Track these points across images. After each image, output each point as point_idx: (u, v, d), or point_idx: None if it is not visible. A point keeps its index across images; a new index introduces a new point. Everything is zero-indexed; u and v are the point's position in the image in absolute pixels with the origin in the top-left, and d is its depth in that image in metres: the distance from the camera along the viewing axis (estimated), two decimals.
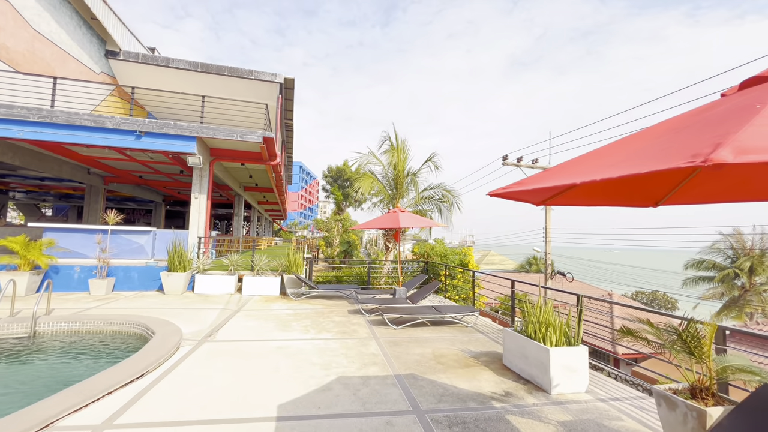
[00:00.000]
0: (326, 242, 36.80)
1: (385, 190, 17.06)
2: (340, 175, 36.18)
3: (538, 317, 4.29)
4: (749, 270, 25.39)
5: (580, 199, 2.30)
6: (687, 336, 2.38)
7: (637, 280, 39.74)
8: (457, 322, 6.90)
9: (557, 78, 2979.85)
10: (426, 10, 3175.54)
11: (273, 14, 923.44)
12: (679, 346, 2.42)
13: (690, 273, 28.71)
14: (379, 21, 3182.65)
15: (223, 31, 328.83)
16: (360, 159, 16.76)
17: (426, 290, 7.72)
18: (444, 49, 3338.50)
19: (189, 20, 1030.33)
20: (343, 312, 7.70)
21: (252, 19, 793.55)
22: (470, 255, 11.29)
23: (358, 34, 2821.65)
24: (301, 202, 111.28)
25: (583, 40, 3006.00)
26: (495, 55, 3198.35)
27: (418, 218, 7.96)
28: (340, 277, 10.94)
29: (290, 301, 8.70)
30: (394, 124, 35.65)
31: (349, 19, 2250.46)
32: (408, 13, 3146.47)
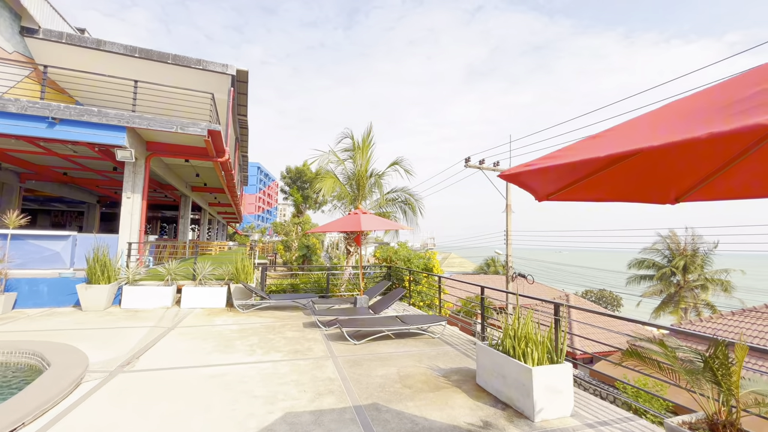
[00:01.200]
0: (285, 246, 35.14)
1: (346, 192, 16.35)
2: (300, 176, 34.80)
3: (516, 330, 3.82)
4: (683, 268, 27.61)
5: (594, 190, 1.80)
6: (714, 363, 1.98)
7: (589, 280, 42.10)
8: (423, 333, 6.36)
9: (511, 88, 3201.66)
10: (388, 15, 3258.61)
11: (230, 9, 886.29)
12: (707, 376, 2.01)
13: (632, 272, 30.74)
14: (341, 24, 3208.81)
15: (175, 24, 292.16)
16: (320, 157, 15.91)
17: (390, 298, 7.11)
18: (405, 54, 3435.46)
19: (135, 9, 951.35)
20: (297, 325, 6.88)
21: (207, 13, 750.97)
22: (435, 259, 10.89)
23: (320, 36, 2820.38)
24: (258, 204, 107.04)
25: (535, 54, 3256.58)
26: (454, 63, 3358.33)
27: (382, 220, 7.36)
28: (296, 285, 10.05)
29: (237, 314, 7.72)
30: (355, 127, 35.00)
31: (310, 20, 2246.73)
32: (370, 18, 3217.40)
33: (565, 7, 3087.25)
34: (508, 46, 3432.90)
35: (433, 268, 10.58)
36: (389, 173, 16.23)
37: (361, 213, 7.36)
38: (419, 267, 10.45)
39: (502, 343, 3.94)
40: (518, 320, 3.89)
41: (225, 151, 10.89)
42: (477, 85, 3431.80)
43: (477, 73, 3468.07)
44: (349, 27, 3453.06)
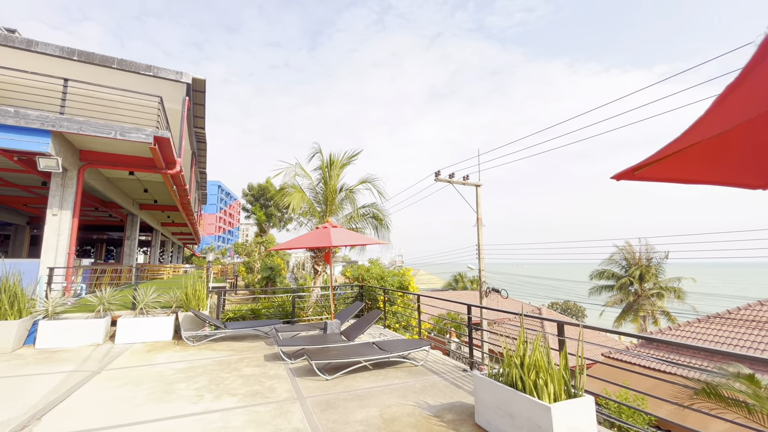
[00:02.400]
0: (247, 268, 33.08)
1: (314, 207, 15.49)
2: (263, 194, 33.21)
3: (522, 357, 3.21)
4: (639, 277, 28.94)
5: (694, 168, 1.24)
6: None
7: (553, 291, 43.18)
8: (404, 361, 5.61)
9: (470, 109, 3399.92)
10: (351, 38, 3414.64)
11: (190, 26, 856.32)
12: None
13: (594, 282, 31.84)
14: (305, 45, 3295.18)
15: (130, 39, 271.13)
16: (286, 170, 15.03)
17: (365, 322, 6.32)
18: (369, 75, 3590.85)
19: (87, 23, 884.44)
20: (257, 359, 5.88)
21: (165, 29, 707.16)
22: (410, 276, 10.25)
23: (284, 56, 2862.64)
24: (219, 225, 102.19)
25: (492, 78, 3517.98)
26: (416, 85, 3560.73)
27: (354, 234, 6.64)
28: (257, 311, 8.95)
29: (186, 348, 6.56)
30: (322, 146, 34.14)
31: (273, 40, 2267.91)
32: (334, 40, 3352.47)
33: (516, 36, 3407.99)
34: (467, 70, 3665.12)
35: (409, 285, 9.91)
36: (360, 190, 15.64)
37: (330, 227, 6.61)
38: (394, 285, 9.74)
39: (507, 373, 3.30)
40: (524, 344, 3.29)
41: (176, 162, 9.77)
42: (438, 106, 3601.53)
43: (438, 94, 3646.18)
44: (313, 48, 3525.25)
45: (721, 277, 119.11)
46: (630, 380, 10.11)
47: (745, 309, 11.18)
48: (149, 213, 19.34)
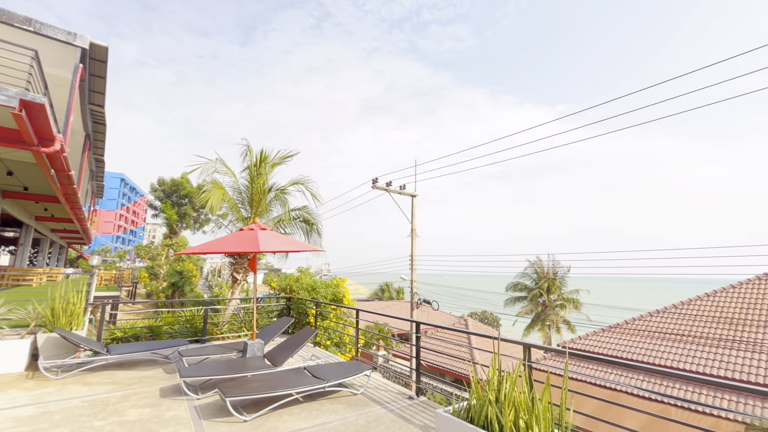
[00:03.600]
0: (151, 274, 28.69)
1: (237, 208, 13.83)
2: (176, 190, 29.29)
3: (496, 391, 2.69)
4: (547, 289, 31.98)
5: None
6: None
7: (472, 301, 45.62)
8: (341, 389, 4.80)
9: (402, 125, 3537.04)
10: (287, 40, 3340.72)
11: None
12: None
13: (509, 294, 34.38)
14: (237, 39, 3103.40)
15: None
16: (205, 165, 13.19)
17: (295, 343, 5.37)
18: (304, 80, 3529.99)
19: None
20: (150, 394, 4.55)
21: None
22: (345, 288, 9.41)
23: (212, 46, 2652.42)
24: (119, 223, 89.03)
25: (422, 98, 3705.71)
26: (351, 95, 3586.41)
27: (286, 239, 5.67)
28: (157, 328, 7.29)
29: (44, 383, 4.87)
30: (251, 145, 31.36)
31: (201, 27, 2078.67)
32: (269, 39, 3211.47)
33: (446, 61, 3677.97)
34: (400, 87, 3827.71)
35: (344, 298, 9.09)
36: (291, 192, 14.43)
37: (258, 228, 5.56)
38: (327, 297, 8.83)
39: (478, 410, 2.75)
40: (498, 373, 2.78)
41: (54, 138, 7.70)
42: (372, 117, 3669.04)
43: (372, 107, 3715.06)
44: (245, 43, 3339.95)
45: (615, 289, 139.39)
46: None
47: (639, 320, 12.68)
48: (16, 203, 15.50)
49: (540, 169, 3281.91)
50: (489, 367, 2.91)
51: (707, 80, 8.53)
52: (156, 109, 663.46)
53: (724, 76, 8.94)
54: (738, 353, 9.78)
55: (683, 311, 12.06)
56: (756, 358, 9.52)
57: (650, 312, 12.88)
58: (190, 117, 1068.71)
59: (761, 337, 9.98)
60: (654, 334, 11.60)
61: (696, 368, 9.80)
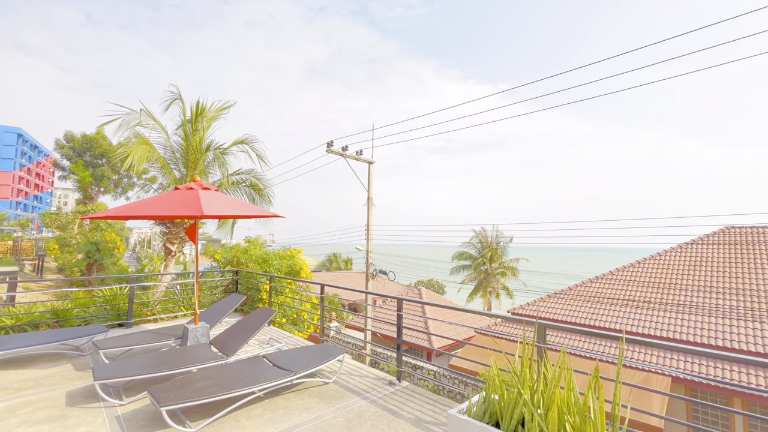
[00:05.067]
0: (62, 245, 24.74)
1: (168, 168, 11.89)
2: (90, 148, 24.92)
3: (531, 386, 2.15)
4: (490, 258, 33.70)
5: None
6: None
7: (419, 270, 46.89)
8: (310, 378, 4.06)
9: (349, 93, 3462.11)
10: None
11: None
12: None
13: (455, 263, 35.72)
14: None
15: None
16: (126, 117, 11.00)
17: (249, 326, 4.45)
18: (243, 35, 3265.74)
19: None
20: (53, 402, 3.43)
21: None
22: (300, 259, 8.46)
23: None
24: (19, 186, 76.23)
25: (370, 65, 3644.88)
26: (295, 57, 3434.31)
27: (237, 202, 4.58)
28: (63, 312, 5.82)
29: None
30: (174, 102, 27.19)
31: None
32: None
33: (395, 29, 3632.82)
34: (347, 52, 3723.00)
35: (301, 271, 8.17)
36: (234, 153, 12.73)
37: (199, 188, 4.40)
38: (281, 270, 7.85)
39: (507, 411, 2.19)
40: (531, 364, 2.23)
41: None
42: (318, 83, 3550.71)
43: (318, 72, 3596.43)
44: None
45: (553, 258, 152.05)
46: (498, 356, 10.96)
47: (581, 286, 13.57)
48: None
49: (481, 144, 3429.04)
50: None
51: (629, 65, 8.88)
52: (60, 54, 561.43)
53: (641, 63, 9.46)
54: (666, 314, 10.83)
55: (619, 277, 13.08)
56: (680, 318, 10.61)
57: (590, 279, 13.82)
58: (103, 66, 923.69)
59: (685, 299, 11.13)
60: (596, 299, 12.45)
61: (633, 329, 10.69)
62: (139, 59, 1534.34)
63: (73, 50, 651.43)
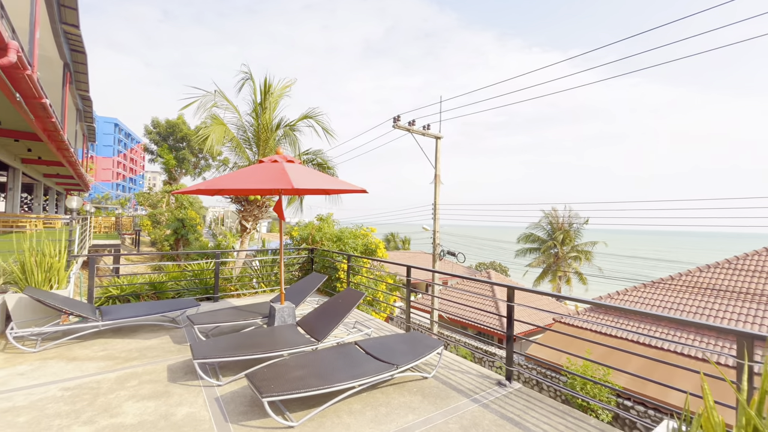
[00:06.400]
0: (153, 221, 27.67)
1: (242, 148, 12.21)
2: (172, 132, 27.19)
3: None
4: (561, 241, 31.17)
5: None
6: None
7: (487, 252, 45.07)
8: (404, 374, 3.65)
9: (404, 70, 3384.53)
10: None
11: None
12: None
13: (520, 245, 33.68)
14: None
15: None
16: (203, 99, 11.38)
17: (338, 309, 4.15)
18: (301, 19, 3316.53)
19: None
20: (156, 376, 3.42)
21: None
22: (374, 238, 8.14)
23: None
24: (118, 170, 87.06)
25: (426, 40, 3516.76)
26: (351, 37, 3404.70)
27: (323, 175, 4.24)
28: (160, 285, 6.13)
29: (17, 356, 3.74)
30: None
31: None
32: None
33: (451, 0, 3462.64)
34: (403, 27, 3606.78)
35: (376, 250, 7.87)
36: (301, 129, 12.70)
37: (283, 161, 4.10)
38: (357, 249, 7.61)
39: None
40: None
41: (8, 46, 5.95)
42: (372, 62, 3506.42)
43: (373, 50, 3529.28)
44: None
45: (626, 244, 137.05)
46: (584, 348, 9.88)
47: (687, 275, 11.68)
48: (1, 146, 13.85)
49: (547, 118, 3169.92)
50: None
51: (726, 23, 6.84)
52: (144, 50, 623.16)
53: None
54: None
55: (740, 267, 10.96)
56: None
57: (699, 267, 11.81)
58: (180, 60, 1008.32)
59: None
60: (708, 291, 10.61)
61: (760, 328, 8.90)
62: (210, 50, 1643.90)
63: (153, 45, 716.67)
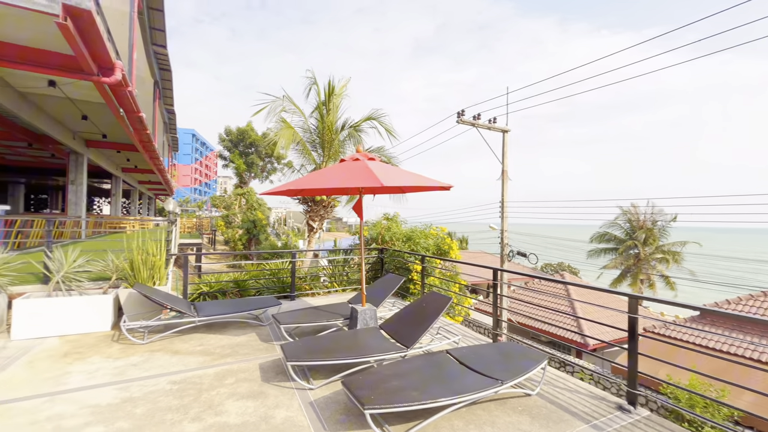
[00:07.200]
0: (226, 222, 30.03)
1: (308, 151, 12.59)
2: (242, 139, 29.27)
3: None
4: (644, 241, 27.93)
5: None
6: None
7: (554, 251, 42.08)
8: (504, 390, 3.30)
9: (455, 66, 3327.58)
10: None
11: None
12: None
13: (594, 246, 30.82)
14: None
15: None
16: (271, 104, 11.94)
17: (424, 314, 3.92)
18: (352, 24, 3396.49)
19: None
20: (250, 375, 3.48)
21: None
22: (447, 239, 7.80)
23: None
24: (195, 176, 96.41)
25: (479, 33, 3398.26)
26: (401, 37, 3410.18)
27: (406, 172, 4.04)
28: (243, 282, 6.43)
29: (128, 349, 4.06)
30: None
31: None
32: None
33: None
34: (455, 23, 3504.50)
35: (450, 251, 7.56)
36: (364, 130, 12.78)
37: (365, 158, 3.97)
38: (429, 250, 7.36)
39: None
40: None
41: (114, 66, 6.60)
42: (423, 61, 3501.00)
43: (423, 48, 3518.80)
44: None
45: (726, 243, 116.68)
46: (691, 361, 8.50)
47: None
48: (101, 153, 15.86)
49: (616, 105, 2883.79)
50: None
51: None
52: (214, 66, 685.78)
53: None
54: None
55: None
56: None
57: None
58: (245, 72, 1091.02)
59: None
60: None
61: None
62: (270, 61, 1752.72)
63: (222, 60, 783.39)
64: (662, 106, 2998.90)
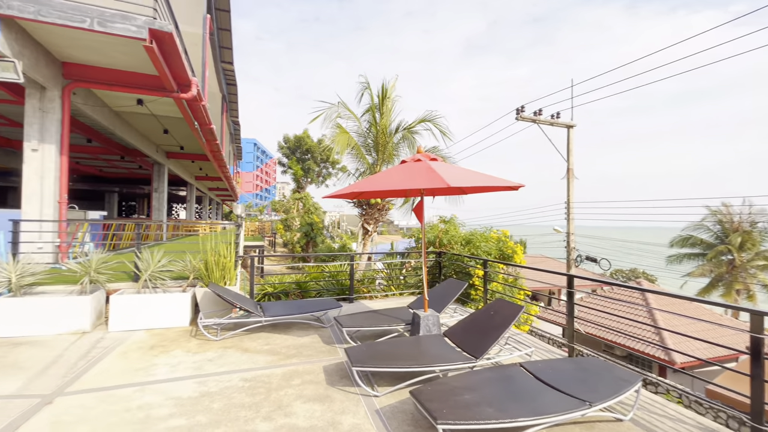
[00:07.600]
0: (285, 225, 31.70)
1: (362, 154, 12.74)
2: (299, 146, 30.76)
3: None
4: (740, 245, 24.29)
5: None
6: None
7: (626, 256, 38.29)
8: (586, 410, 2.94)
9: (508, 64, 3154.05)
10: None
11: None
12: None
13: (675, 250, 27.48)
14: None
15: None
16: (327, 111, 12.26)
17: (492, 322, 3.67)
18: (402, 27, 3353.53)
19: None
20: (315, 377, 3.49)
21: None
22: (510, 242, 7.37)
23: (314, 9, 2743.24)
24: (256, 183, 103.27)
25: (535, 25, 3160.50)
26: (451, 37, 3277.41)
27: (472, 172, 3.85)
28: (305, 284, 6.61)
29: (205, 345, 4.32)
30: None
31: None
32: None
33: None
34: (508, 17, 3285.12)
35: (514, 255, 7.13)
36: (418, 132, 12.66)
37: (427, 159, 3.84)
38: (490, 254, 7.01)
39: None
40: None
41: (191, 82, 7.21)
42: (473, 60, 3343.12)
43: (474, 47, 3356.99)
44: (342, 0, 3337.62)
45: None
46: None
47: None
48: (179, 163, 17.53)
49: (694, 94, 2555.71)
50: None
51: None
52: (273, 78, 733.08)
53: None
54: None
55: None
56: None
57: None
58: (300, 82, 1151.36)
59: None
60: None
61: None
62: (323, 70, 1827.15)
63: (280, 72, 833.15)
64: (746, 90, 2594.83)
